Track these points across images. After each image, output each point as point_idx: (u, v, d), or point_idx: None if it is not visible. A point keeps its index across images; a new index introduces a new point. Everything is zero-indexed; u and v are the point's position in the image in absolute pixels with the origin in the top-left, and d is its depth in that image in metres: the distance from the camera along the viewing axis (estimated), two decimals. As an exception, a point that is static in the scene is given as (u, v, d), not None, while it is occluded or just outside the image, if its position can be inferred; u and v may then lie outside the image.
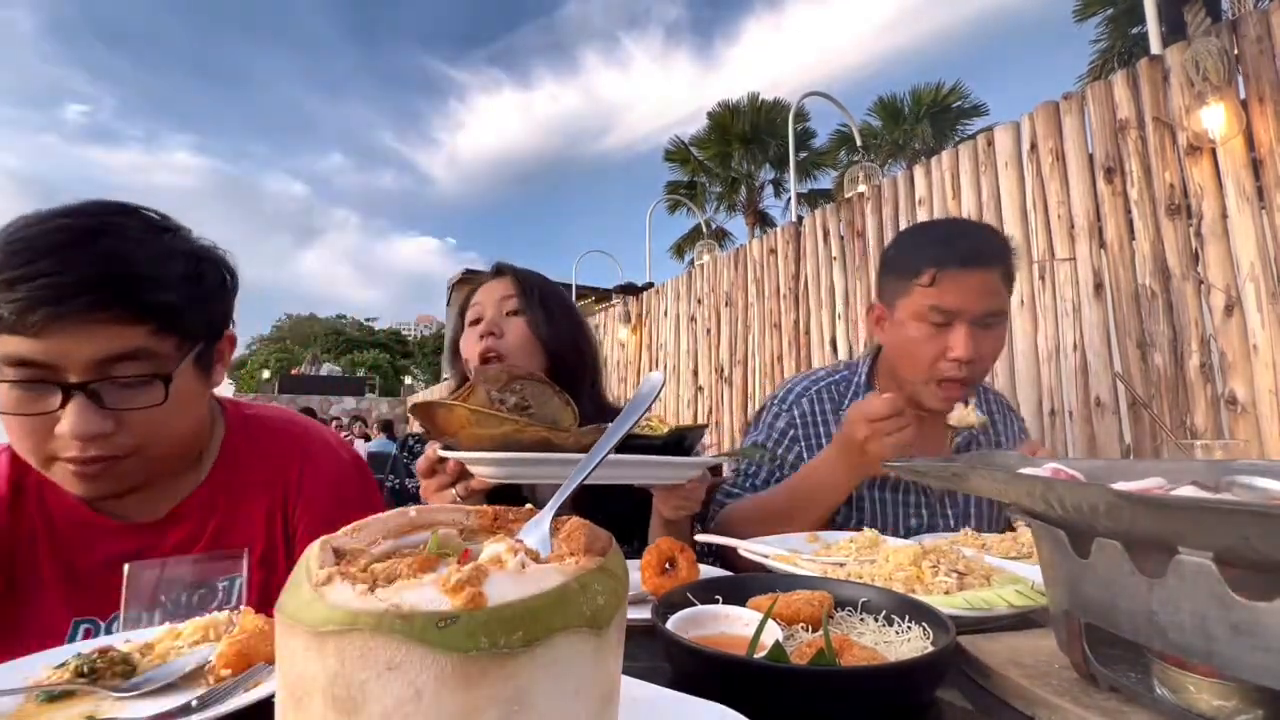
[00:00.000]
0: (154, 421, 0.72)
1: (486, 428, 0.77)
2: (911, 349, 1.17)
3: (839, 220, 3.77)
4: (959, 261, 1.14)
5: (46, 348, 0.65)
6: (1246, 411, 2.07)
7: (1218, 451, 1.25)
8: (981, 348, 1.14)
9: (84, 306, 0.65)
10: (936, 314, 1.14)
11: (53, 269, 0.65)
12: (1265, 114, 2.09)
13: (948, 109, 14.90)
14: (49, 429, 0.68)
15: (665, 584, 0.74)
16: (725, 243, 14.95)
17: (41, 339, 0.65)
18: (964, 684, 0.55)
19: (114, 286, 0.67)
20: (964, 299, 1.13)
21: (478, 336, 1.11)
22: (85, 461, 0.69)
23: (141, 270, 0.70)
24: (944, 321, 1.14)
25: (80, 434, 0.67)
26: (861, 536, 0.91)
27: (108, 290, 0.67)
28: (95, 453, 0.69)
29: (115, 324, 0.68)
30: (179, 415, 0.76)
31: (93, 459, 0.69)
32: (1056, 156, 2.64)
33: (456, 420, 0.78)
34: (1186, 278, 2.23)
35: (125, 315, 0.68)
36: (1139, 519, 0.38)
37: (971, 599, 0.66)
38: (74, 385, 0.67)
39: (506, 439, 0.77)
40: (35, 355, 0.65)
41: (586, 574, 0.27)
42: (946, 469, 0.55)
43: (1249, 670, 0.35)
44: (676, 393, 5.17)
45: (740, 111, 16.66)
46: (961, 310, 1.13)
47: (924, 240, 1.23)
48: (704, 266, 5.01)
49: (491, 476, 0.81)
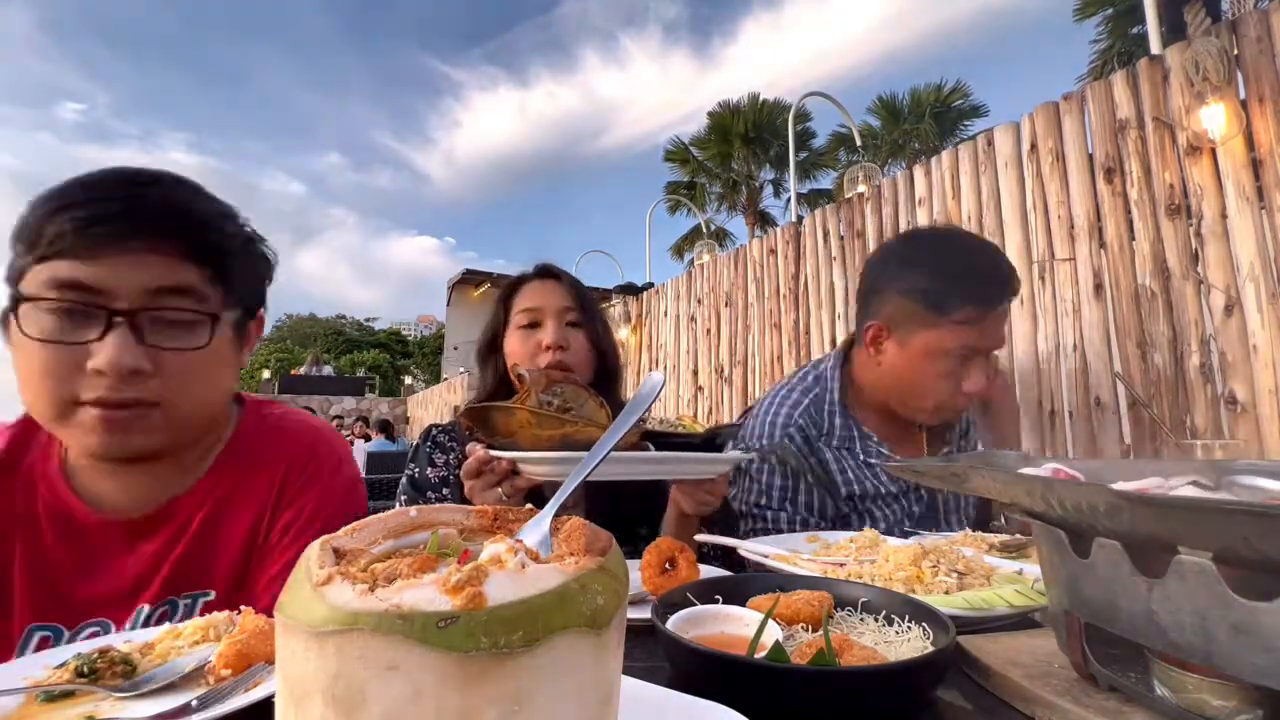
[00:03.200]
0: (190, 370, 0.70)
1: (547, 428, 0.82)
2: (928, 382, 1.14)
3: (839, 220, 3.77)
4: (998, 301, 1.11)
5: (99, 271, 0.64)
6: (1246, 411, 2.07)
7: (1218, 451, 1.26)
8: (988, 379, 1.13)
9: (149, 233, 0.66)
10: (964, 351, 1.11)
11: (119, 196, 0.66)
12: (1265, 114, 2.09)
13: (948, 109, 14.91)
14: (80, 364, 0.64)
15: (665, 584, 0.74)
16: (725, 243, 14.95)
17: (96, 262, 0.64)
18: (964, 684, 0.55)
19: (177, 222, 0.68)
20: (995, 338, 1.11)
21: (541, 346, 1.12)
22: (114, 404, 0.66)
23: (203, 217, 0.71)
24: (966, 358, 1.12)
25: (117, 365, 0.64)
26: (861, 536, 0.91)
27: (171, 223, 0.68)
28: (127, 394, 0.66)
29: (172, 257, 0.67)
30: (212, 373, 0.73)
31: (123, 402, 0.66)
32: (1056, 157, 2.64)
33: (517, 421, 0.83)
34: (1186, 278, 2.24)
35: (182, 251, 0.68)
36: (1139, 519, 0.38)
37: (971, 599, 0.66)
38: (120, 311, 0.65)
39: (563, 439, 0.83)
40: (86, 278, 0.64)
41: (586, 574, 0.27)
42: (946, 469, 0.55)
43: (1249, 670, 0.35)
44: (677, 392, 5.17)
45: (740, 111, 16.66)
46: (987, 348, 1.11)
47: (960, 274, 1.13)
48: (704, 266, 5.01)
49: (545, 475, 0.84)
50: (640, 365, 5.76)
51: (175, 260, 0.68)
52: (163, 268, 0.67)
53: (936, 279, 1.13)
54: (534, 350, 1.12)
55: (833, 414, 1.23)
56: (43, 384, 0.65)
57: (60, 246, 0.63)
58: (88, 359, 0.64)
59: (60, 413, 0.66)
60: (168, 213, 0.68)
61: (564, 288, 1.19)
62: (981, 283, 1.11)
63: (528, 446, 0.84)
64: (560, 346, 1.12)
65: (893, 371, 1.18)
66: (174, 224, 0.68)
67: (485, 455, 0.85)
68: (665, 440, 0.93)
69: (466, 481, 0.88)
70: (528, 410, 0.82)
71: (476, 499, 0.87)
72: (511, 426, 0.83)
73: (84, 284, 0.64)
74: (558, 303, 1.16)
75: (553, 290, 1.18)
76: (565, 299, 1.17)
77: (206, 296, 0.71)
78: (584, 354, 1.15)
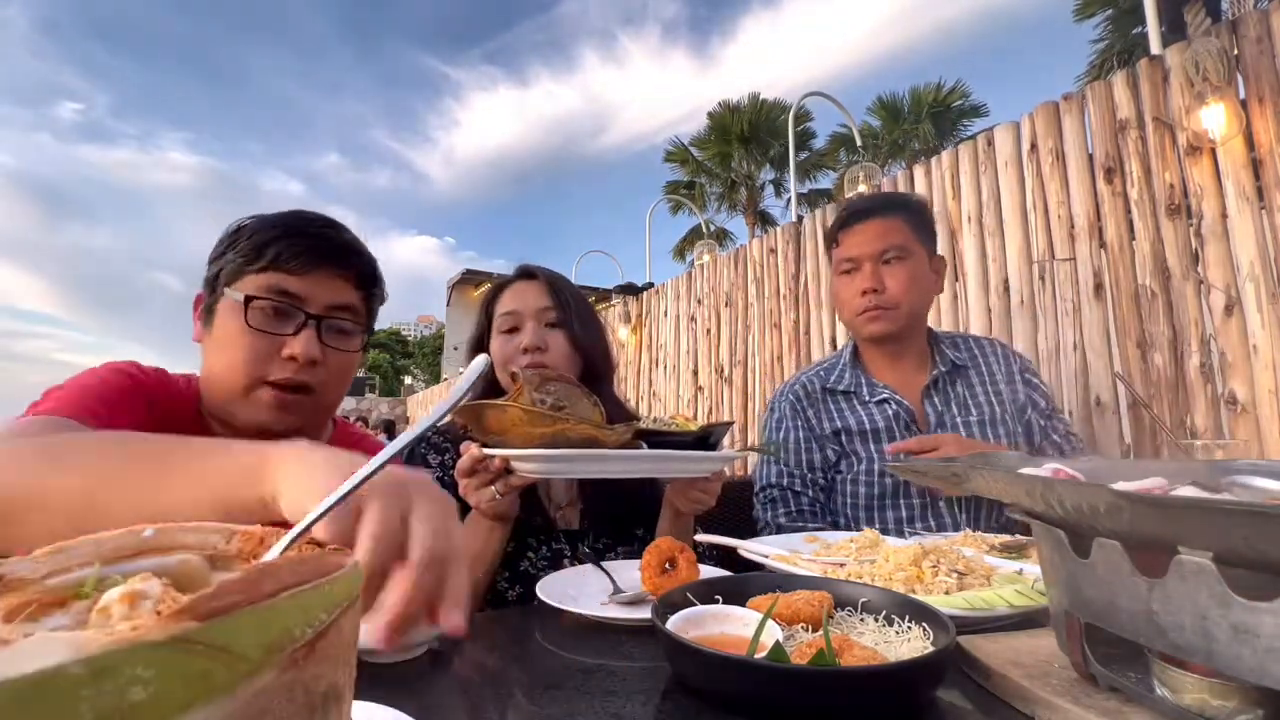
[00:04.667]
0: (341, 369, 0.90)
1: (539, 426, 0.82)
2: (838, 299, 1.45)
3: (839, 220, 3.77)
4: (851, 219, 1.41)
5: (302, 285, 0.86)
6: (1246, 411, 2.07)
7: (1218, 451, 1.25)
8: (887, 279, 1.36)
9: (335, 263, 0.89)
10: (845, 264, 1.41)
11: (320, 233, 0.90)
12: (1265, 114, 2.09)
13: (948, 109, 14.90)
14: (274, 352, 0.84)
15: (665, 584, 0.75)
16: (725, 243, 14.95)
17: (302, 278, 0.86)
18: (964, 684, 0.55)
19: (354, 258, 0.92)
20: (859, 245, 1.39)
21: (519, 350, 1.11)
22: (292, 387, 0.85)
23: (368, 257, 0.96)
24: (852, 269, 1.39)
25: (306, 353, 0.84)
26: (862, 537, 0.91)
27: (351, 259, 0.92)
28: (304, 378, 0.85)
29: (347, 283, 0.91)
30: (350, 375, 0.93)
31: (298, 384, 0.85)
32: (1056, 156, 2.64)
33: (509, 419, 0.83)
34: (1186, 278, 2.23)
35: (353, 278, 0.92)
36: (1139, 519, 0.38)
37: (971, 599, 0.66)
38: (313, 315, 0.86)
39: (556, 437, 0.83)
40: (294, 288, 0.86)
41: (122, 652, 0.16)
42: (946, 469, 0.55)
43: (1249, 670, 0.35)
44: (677, 393, 5.17)
45: (740, 111, 16.65)
46: (860, 254, 1.38)
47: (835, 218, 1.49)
48: (704, 266, 5.01)
49: (537, 472, 0.85)
50: (640, 365, 5.75)
51: (349, 285, 0.91)
52: (340, 289, 0.90)
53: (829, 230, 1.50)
54: (513, 354, 1.12)
55: (843, 370, 1.46)
56: (243, 363, 0.83)
57: (280, 263, 0.85)
58: (283, 348, 0.84)
59: (249, 386, 0.84)
60: (349, 249, 0.92)
61: (542, 287, 1.17)
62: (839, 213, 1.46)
63: (520, 444, 0.84)
64: (538, 348, 1.11)
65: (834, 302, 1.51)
66: (353, 259, 0.92)
67: (478, 454, 0.86)
68: (658, 439, 0.94)
69: (461, 481, 0.88)
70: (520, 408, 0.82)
71: (471, 498, 0.88)
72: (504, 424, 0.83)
73: (293, 293, 0.86)
74: (535, 304, 1.15)
75: (531, 291, 1.17)
76: (543, 299, 1.15)
77: (360, 313, 0.93)
78: (564, 354, 1.13)
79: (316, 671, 0.21)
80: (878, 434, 1.34)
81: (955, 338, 1.48)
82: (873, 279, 1.35)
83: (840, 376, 1.44)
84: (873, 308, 1.36)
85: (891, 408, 1.35)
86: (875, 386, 1.39)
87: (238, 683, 0.18)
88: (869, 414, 1.37)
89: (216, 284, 0.87)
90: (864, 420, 1.36)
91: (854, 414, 1.38)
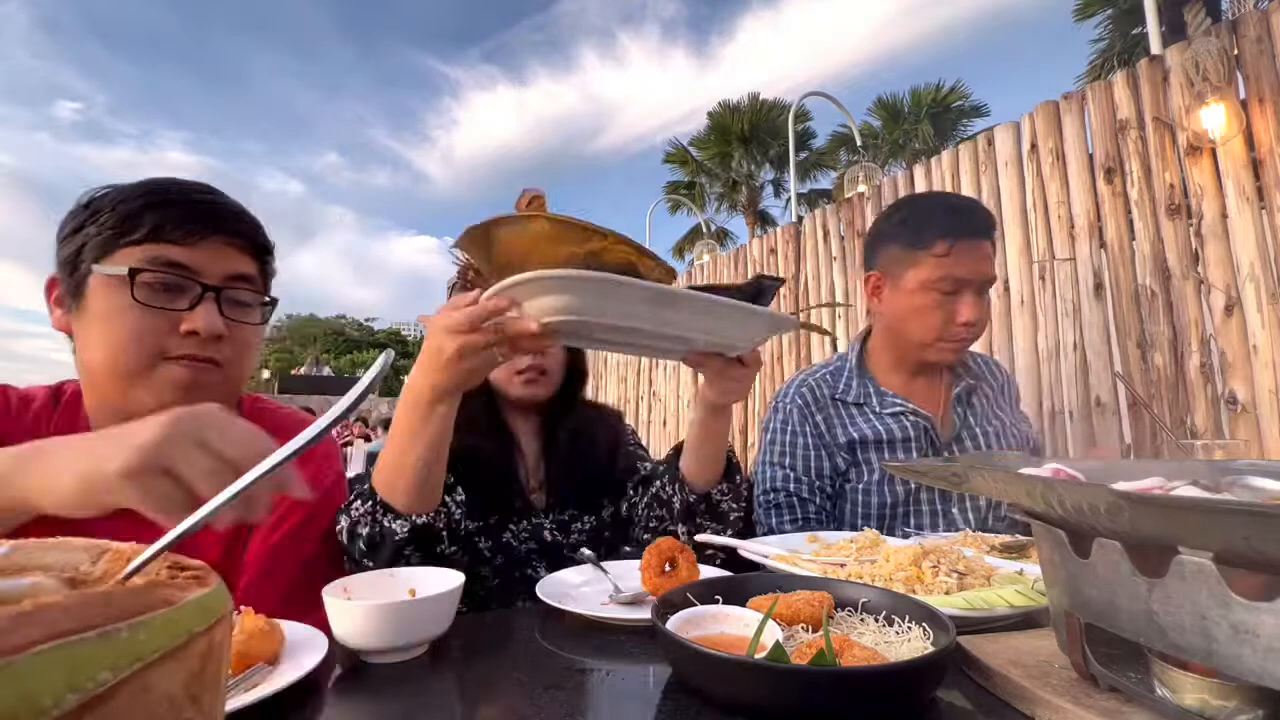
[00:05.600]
0: (247, 342, 0.85)
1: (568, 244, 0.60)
2: (923, 315, 1.27)
3: (839, 220, 3.77)
4: (971, 233, 1.24)
5: (194, 255, 0.79)
6: (1246, 411, 2.07)
7: (1218, 451, 1.25)
8: (982, 312, 1.25)
9: (226, 230, 0.82)
10: (947, 283, 1.24)
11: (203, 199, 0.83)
12: (1265, 114, 2.09)
13: (948, 109, 14.90)
14: (170, 328, 0.78)
15: (665, 584, 0.75)
16: (726, 243, 14.94)
17: (193, 248, 0.79)
18: (964, 684, 0.55)
19: (246, 223, 0.86)
20: (973, 268, 1.24)
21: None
22: (198, 361, 0.79)
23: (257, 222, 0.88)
24: (953, 290, 1.24)
25: (209, 328, 0.78)
26: (862, 537, 0.91)
27: (244, 224, 0.85)
28: (209, 353, 0.80)
29: (241, 251, 0.84)
30: (256, 348, 0.88)
31: (204, 359, 0.79)
32: (1056, 156, 2.63)
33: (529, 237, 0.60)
34: (1186, 278, 2.23)
35: (247, 247, 0.85)
36: (1139, 519, 0.38)
37: (971, 599, 0.66)
38: (209, 287, 0.80)
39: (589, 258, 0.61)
40: (185, 259, 0.79)
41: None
42: (947, 469, 0.55)
43: (1249, 670, 0.35)
44: (677, 393, 5.17)
45: (740, 111, 16.66)
46: (970, 279, 1.23)
47: (935, 212, 1.30)
48: (704, 266, 5.01)
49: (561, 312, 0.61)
50: (640, 365, 5.75)
51: (243, 253, 0.84)
52: (235, 257, 0.83)
53: (913, 220, 1.30)
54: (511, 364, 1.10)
55: (850, 378, 1.38)
56: (134, 343, 0.77)
57: (160, 233, 0.77)
58: (180, 323, 0.78)
59: (146, 367, 0.77)
60: (238, 215, 0.85)
61: None
62: (949, 214, 1.27)
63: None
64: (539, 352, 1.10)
65: (894, 314, 1.32)
66: (243, 225, 0.85)
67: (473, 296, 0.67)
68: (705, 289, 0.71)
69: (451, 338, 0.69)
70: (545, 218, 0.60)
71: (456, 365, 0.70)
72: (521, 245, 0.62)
73: (184, 264, 0.78)
74: None
75: None
76: None
77: (259, 284, 0.87)
78: (560, 362, 1.16)
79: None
80: (894, 445, 1.30)
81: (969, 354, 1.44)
82: (976, 309, 1.23)
83: (848, 387, 1.37)
84: (966, 340, 1.27)
85: (909, 418, 1.31)
86: (886, 397, 1.34)
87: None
88: (884, 425, 1.32)
89: (78, 262, 0.77)
90: (880, 431, 1.30)
91: (868, 424, 1.32)
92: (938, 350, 1.29)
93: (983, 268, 1.24)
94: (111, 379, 0.78)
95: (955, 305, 1.24)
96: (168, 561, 0.25)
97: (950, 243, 1.23)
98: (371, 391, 0.36)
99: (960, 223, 1.25)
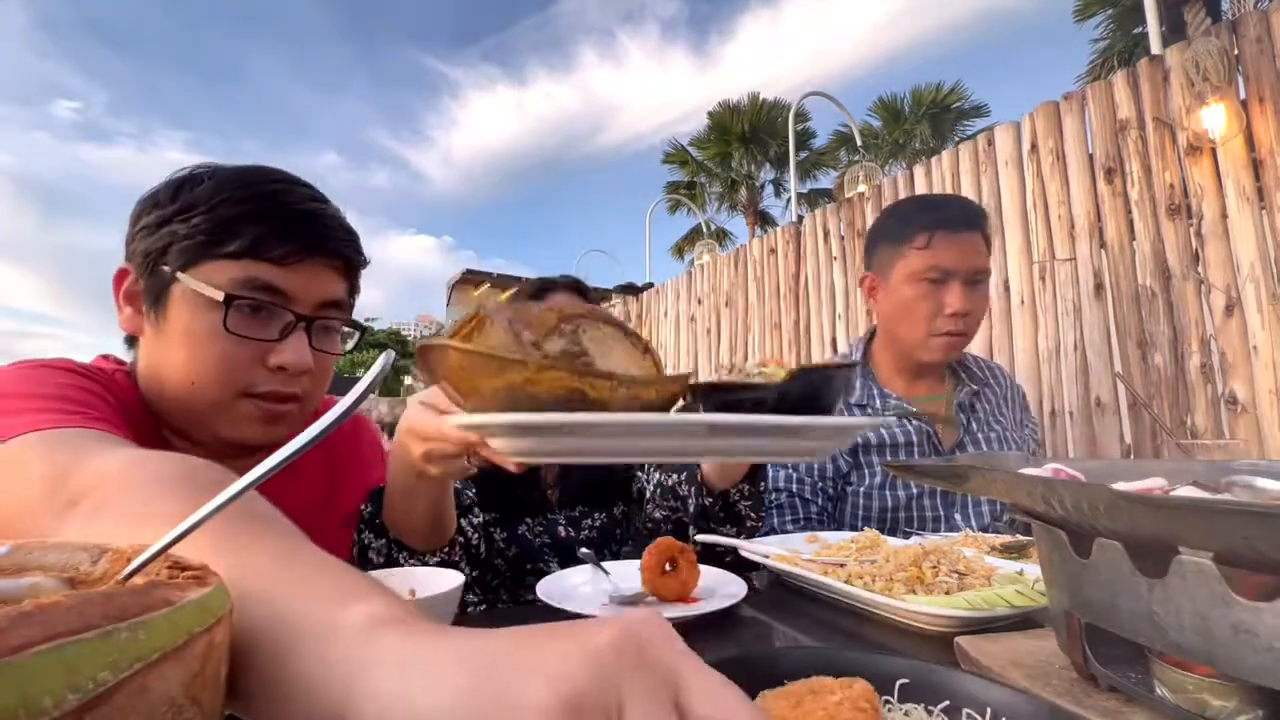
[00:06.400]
0: (325, 373, 0.77)
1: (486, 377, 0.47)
2: (911, 308, 1.28)
3: (839, 220, 3.77)
4: (950, 225, 1.26)
5: (291, 280, 0.71)
6: (1246, 411, 2.07)
7: (1218, 451, 1.26)
8: (972, 303, 1.25)
9: (329, 250, 0.74)
10: (933, 273, 1.25)
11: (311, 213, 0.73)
12: (1265, 114, 2.09)
13: (948, 109, 14.89)
14: (258, 359, 0.70)
15: (665, 584, 0.74)
16: (725, 243, 14.95)
17: (291, 270, 0.70)
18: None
19: (348, 242, 0.76)
20: (956, 258, 1.25)
21: None
22: (282, 398, 0.72)
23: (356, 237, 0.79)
24: (939, 279, 1.25)
25: (299, 364, 0.71)
26: (862, 537, 0.91)
27: (346, 243, 0.76)
28: (294, 389, 0.73)
29: (337, 273, 0.76)
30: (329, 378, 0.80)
31: (289, 396, 0.72)
32: (1057, 156, 2.64)
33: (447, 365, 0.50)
34: (1186, 278, 2.23)
35: (343, 269, 0.77)
36: (1139, 519, 0.38)
37: (972, 599, 0.66)
38: (303, 316, 0.72)
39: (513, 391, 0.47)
40: (282, 284, 0.70)
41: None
42: (947, 469, 0.55)
43: (1249, 670, 0.35)
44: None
45: (740, 111, 16.64)
46: (955, 268, 1.25)
47: (915, 209, 1.34)
48: (704, 266, 5.01)
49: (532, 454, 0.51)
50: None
51: (339, 276, 0.76)
52: (331, 282, 0.75)
53: (897, 217, 1.35)
54: None
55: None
56: (221, 372, 0.69)
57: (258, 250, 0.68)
58: (268, 354, 0.71)
59: (231, 398, 0.70)
60: (339, 231, 0.75)
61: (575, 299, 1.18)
62: (930, 209, 1.30)
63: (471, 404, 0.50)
64: None
65: (888, 311, 1.34)
66: (344, 243, 0.76)
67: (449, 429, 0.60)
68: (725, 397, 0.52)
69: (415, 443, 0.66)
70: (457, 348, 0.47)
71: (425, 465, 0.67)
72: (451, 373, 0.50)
73: (280, 289, 0.70)
74: None
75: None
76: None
77: (347, 310, 0.79)
78: None
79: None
80: (896, 449, 1.31)
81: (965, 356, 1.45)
82: (965, 300, 1.24)
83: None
84: (958, 332, 1.27)
85: (912, 422, 1.31)
86: (890, 400, 1.35)
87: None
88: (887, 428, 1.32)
89: (163, 261, 0.69)
90: (883, 435, 1.31)
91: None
92: (929, 347, 1.29)
93: (968, 258, 1.25)
94: (188, 406, 0.71)
95: (942, 296, 1.25)
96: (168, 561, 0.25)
97: (930, 233, 1.26)
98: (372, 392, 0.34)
99: (940, 215, 1.28)
